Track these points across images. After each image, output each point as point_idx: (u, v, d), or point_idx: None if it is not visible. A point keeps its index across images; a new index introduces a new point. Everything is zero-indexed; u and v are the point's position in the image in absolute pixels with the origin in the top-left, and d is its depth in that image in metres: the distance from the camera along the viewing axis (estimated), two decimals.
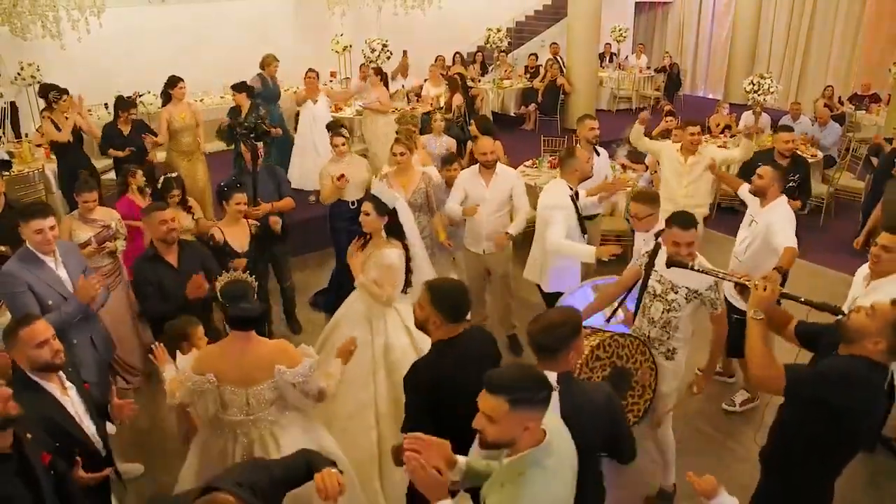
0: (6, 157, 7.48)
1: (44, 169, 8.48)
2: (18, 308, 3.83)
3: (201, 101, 11.46)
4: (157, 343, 3.65)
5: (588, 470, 2.56)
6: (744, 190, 5.26)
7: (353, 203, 6.06)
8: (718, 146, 9.19)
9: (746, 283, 3.08)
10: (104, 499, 3.33)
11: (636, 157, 8.35)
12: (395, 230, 4.46)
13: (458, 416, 2.46)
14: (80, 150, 7.63)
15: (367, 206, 4.40)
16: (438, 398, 2.93)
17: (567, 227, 5.08)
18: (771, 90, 9.38)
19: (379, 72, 9.78)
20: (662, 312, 3.98)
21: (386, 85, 10.41)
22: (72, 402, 3.13)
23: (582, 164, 5.23)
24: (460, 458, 2.57)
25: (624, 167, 7.84)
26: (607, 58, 15.39)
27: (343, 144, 6.19)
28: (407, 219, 4.73)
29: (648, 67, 14.89)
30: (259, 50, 10.13)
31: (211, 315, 4.50)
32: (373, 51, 11.26)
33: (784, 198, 4.92)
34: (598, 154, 6.15)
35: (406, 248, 4.45)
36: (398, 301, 4.43)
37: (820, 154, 9.24)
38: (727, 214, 8.41)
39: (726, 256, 6.69)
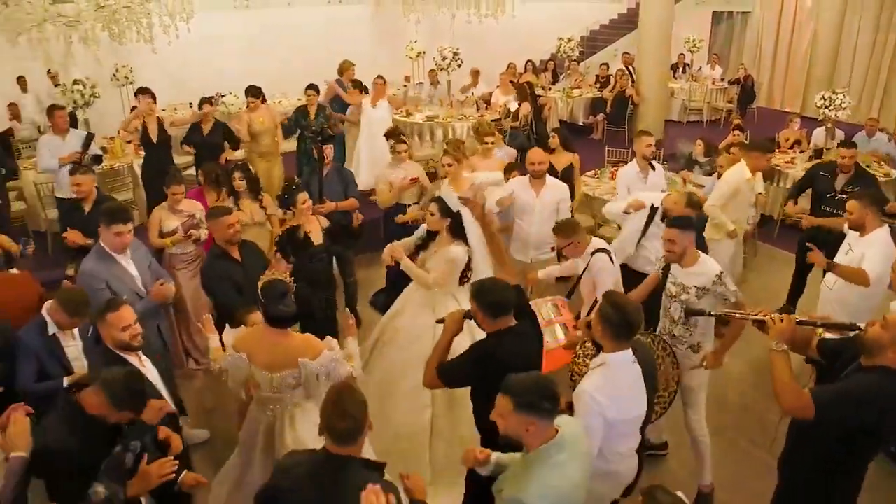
0: (99, 152, 8.05)
1: (132, 164, 9.09)
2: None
3: (279, 102, 11.98)
4: (207, 315, 4.09)
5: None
6: (844, 225, 5.23)
7: (409, 206, 6.37)
8: (786, 162, 9.15)
9: (763, 318, 3.22)
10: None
11: (703, 172, 8.37)
12: (457, 231, 4.79)
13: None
14: (166, 148, 8.17)
15: (433, 207, 4.79)
16: (486, 373, 3.16)
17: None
18: (843, 106, 9.24)
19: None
20: (681, 312, 4.22)
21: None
22: (148, 371, 3.56)
23: (678, 212, 5.17)
24: (493, 455, 2.94)
25: (685, 181, 7.88)
26: (680, 68, 15.24)
27: (404, 151, 6.50)
28: (470, 222, 5.03)
29: (722, 79, 14.68)
30: (337, 54, 10.56)
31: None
32: (444, 58, 11.56)
33: (885, 228, 4.84)
34: (653, 169, 6.30)
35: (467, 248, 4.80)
36: (459, 292, 4.78)
37: (894, 172, 9.03)
38: (790, 231, 8.31)
39: (786, 273, 6.75)
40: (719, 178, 6.81)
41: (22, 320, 4.01)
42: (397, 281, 6.33)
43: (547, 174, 5.96)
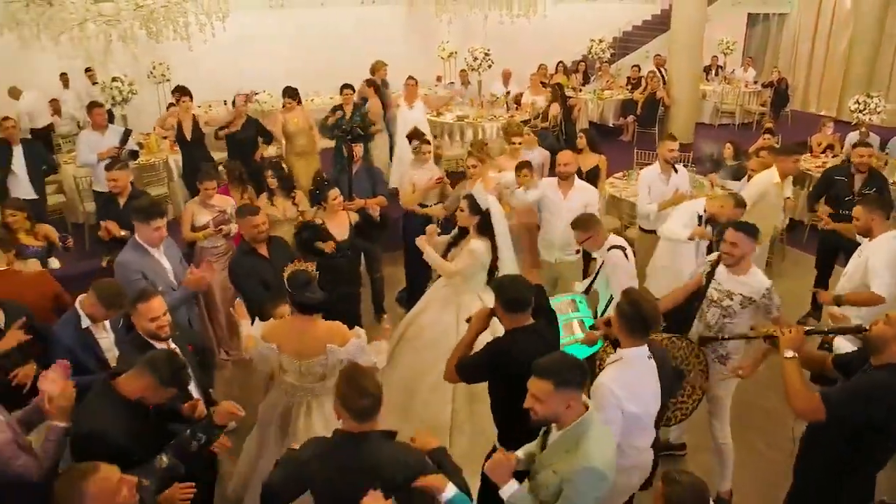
0: (136, 148, 8.27)
1: (167, 160, 9.32)
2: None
3: (311, 101, 12.14)
4: (239, 300, 4.28)
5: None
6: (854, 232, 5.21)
7: (430, 206, 6.50)
8: (817, 166, 9.05)
9: (773, 333, 3.36)
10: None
11: (730, 175, 8.32)
12: (484, 229, 4.92)
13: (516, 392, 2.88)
14: (200, 145, 8.36)
15: (463, 203, 4.92)
16: (500, 370, 3.36)
17: (687, 230, 5.39)
18: (878, 110, 9.12)
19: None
20: (718, 318, 4.21)
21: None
22: None
23: (732, 215, 5.19)
24: (518, 454, 3.05)
25: (712, 184, 7.85)
26: (713, 70, 15.12)
27: (428, 152, 6.62)
28: (499, 221, 5.11)
29: (756, 82, 14.54)
30: (370, 54, 10.68)
31: None
32: (475, 59, 11.63)
33: (892, 233, 4.79)
34: (676, 171, 6.34)
35: (494, 246, 4.91)
36: (485, 291, 4.86)
37: None
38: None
39: (813, 278, 6.70)
40: (749, 181, 6.80)
41: (37, 318, 4.15)
42: (415, 279, 6.47)
43: (576, 176, 6.02)
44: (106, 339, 4.05)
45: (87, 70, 11.58)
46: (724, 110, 13.94)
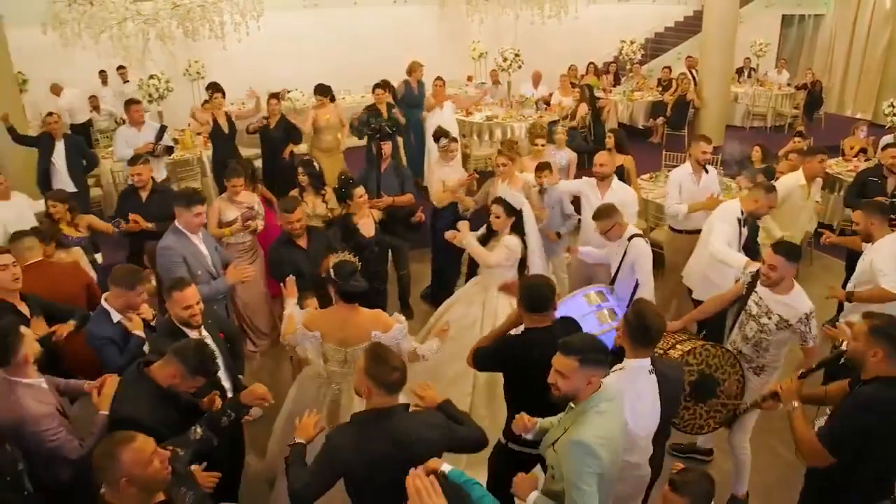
0: (171, 143, 8.49)
1: (201, 155, 9.53)
2: (178, 276, 4.55)
3: (343, 99, 12.28)
4: (291, 277, 4.44)
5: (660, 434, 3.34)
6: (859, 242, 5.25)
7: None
8: (848, 170, 8.96)
9: (774, 390, 3.53)
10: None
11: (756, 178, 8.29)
12: (518, 229, 5.11)
13: (530, 387, 3.04)
14: (232, 141, 8.55)
15: (497, 209, 5.05)
16: (507, 366, 3.55)
17: (728, 240, 5.31)
18: None
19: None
20: (755, 332, 4.18)
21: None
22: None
23: (767, 203, 5.28)
24: (538, 420, 3.18)
25: (740, 186, 7.83)
26: (745, 72, 14.98)
27: (455, 150, 6.74)
28: (529, 220, 5.27)
29: (789, 84, 14.38)
30: (402, 53, 10.79)
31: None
32: (505, 59, 11.69)
33: (893, 235, 4.82)
34: (706, 172, 6.34)
35: (524, 244, 5.08)
36: None
37: None
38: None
39: (839, 281, 6.66)
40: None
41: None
42: (442, 276, 6.57)
43: (615, 177, 6.12)
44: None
45: (120, 68, 11.87)
46: (756, 113, 13.78)
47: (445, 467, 2.68)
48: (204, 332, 3.88)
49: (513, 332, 3.71)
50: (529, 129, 7.53)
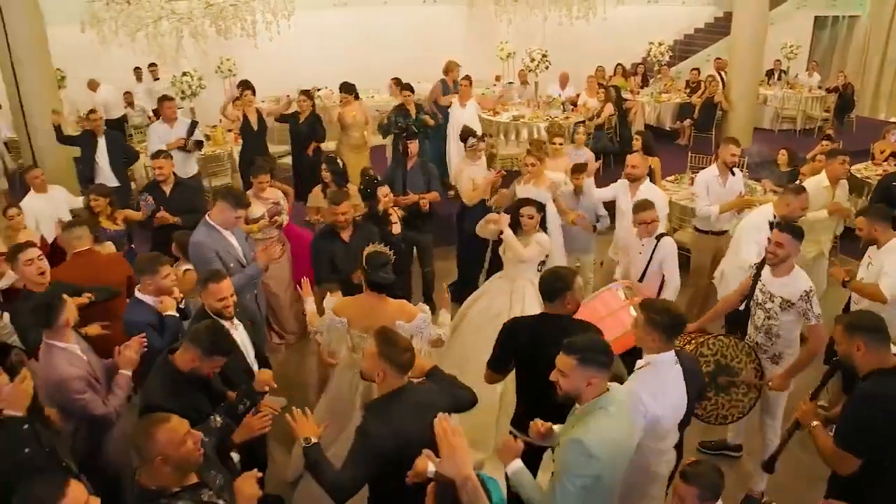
0: (202, 138, 8.69)
1: (232, 151, 9.73)
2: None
3: (372, 97, 12.44)
4: (306, 278, 4.61)
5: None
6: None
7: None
8: (878, 175, 8.87)
9: (797, 421, 3.59)
10: None
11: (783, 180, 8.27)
12: (543, 225, 5.29)
13: (539, 375, 3.10)
14: (261, 138, 8.73)
15: (530, 210, 5.21)
16: (514, 347, 3.68)
17: (759, 247, 5.29)
18: None
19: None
20: (763, 320, 4.32)
21: None
22: (238, 334, 4.00)
23: (799, 205, 5.28)
24: (555, 427, 3.20)
25: (765, 189, 7.82)
26: (776, 75, 14.84)
27: (482, 150, 6.85)
28: (552, 219, 5.49)
29: (819, 87, 14.23)
30: (430, 52, 10.90)
31: None
32: (532, 60, 11.75)
33: None
34: (733, 174, 6.39)
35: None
36: (537, 277, 5.03)
37: None
38: None
39: None
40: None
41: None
42: (467, 272, 6.69)
43: (647, 179, 6.24)
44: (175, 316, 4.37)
45: (151, 65, 12.14)
46: (785, 116, 13.64)
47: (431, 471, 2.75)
48: (235, 322, 4.04)
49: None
50: (548, 128, 7.67)
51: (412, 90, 9.04)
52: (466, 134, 7.14)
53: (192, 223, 5.19)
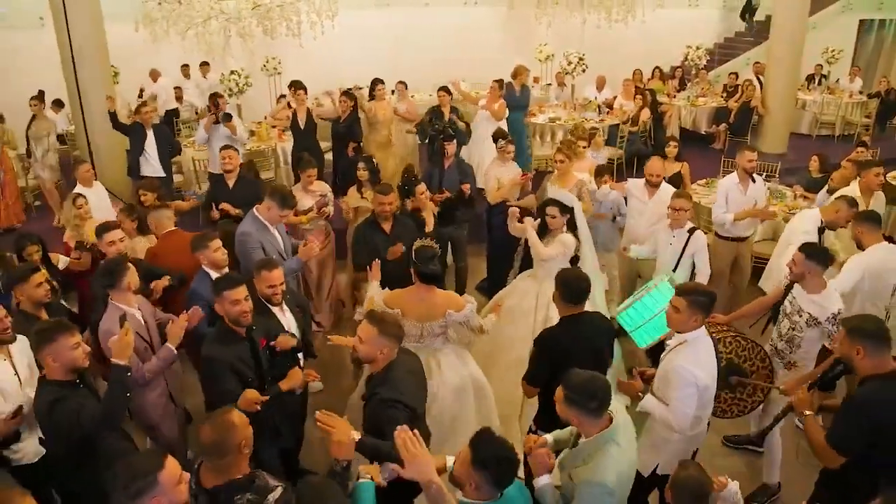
0: (231, 113, 8.90)
1: (276, 147, 10.09)
2: (253, 261, 5.07)
3: (412, 97, 12.66)
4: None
5: None
6: None
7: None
8: None
9: (790, 400, 3.81)
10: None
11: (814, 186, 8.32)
12: (572, 226, 5.45)
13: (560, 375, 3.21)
14: (309, 135, 9.04)
15: (552, 210, 5.40)
16: (551, 358, 3.77)
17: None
18: None
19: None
20: (788, 329, 4.48)
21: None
22: (285, 317, 4.37)
23: (846, 216, 5.43)
24: (548, 436, 3.45)
25: (795, 194, 7.91)
26: (816, 79, 14.72)
27: (511, 152, 7.06)
28: (580, 217, 5.59)
29: (861, 92, 14.06)
30: (470, 53, 11.09)
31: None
32: (569, 63, 11.92)
33: (884, 244, 5.05)
34: (753, 181, 6.51)
35: (578, 240, 5.43)
36: None
37: None
38: None
39: None
40: (829, 192, 6.84)
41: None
42: (497, 270, 6.93)
43: (664, 181, 6.45)
44: None
45: (203, 64, 12.60)
46: (824, 121, 13.51)
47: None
48: (284, 307, 4.38)
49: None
50: (571, 131, 7.83)
51: (448, 91, 9.23)
52: (498, 135, 7.38)
53: None
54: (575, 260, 5.47)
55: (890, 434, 3.17)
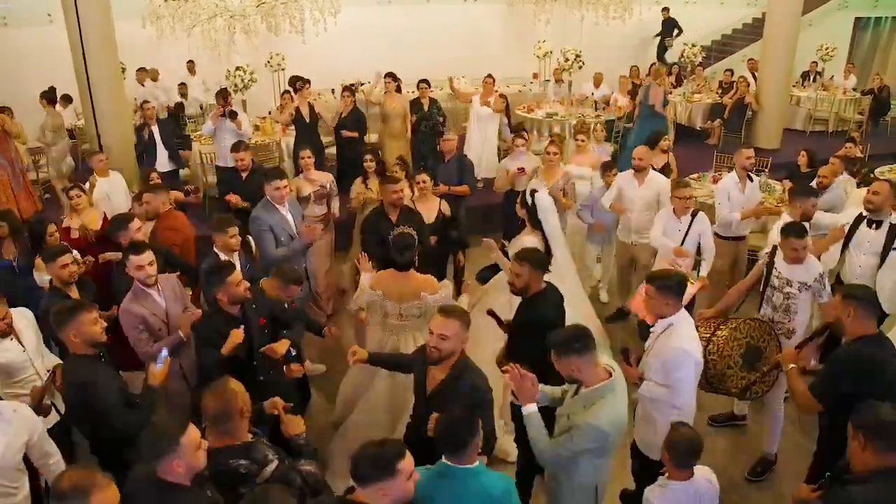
0: (236, 110, 9.01)
1: (280, 142, 10.32)
2: (264, 241, 5.51)
3: (412, 93, 12.86)
4: (363, 253, 5.23)
5: None
6: None
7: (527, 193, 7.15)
8: None
9: (777, 359, 4.33)
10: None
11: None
12: (533, 221, 5.66)
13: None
14: (315, 128, 9.34)
15: (519, 199, 5.78)
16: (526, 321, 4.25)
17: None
18: None
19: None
20: (782, 300, 4.82)
21: None
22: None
23: (806, 209, 5.54)
24: (541, 388, 3.64)
25: (784, 189, 8.12)
26: (811, 76, 14.93)
27: (522, 144, 7.29)
28: (548, 217, 5.71)
29: (855, 89, 14.26)
30: (470, 49, 11.25)
31: None
32: (566, 59, 12.14)
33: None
34: (751, 180, 6.71)
35: (545, 238, 5.60)
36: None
37: None
38: None
39: None
40: (819, 186, 7.02)
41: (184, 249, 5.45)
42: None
43: (651, 169, 6.72)
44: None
45: (189, 62, 12.96)
46: (818, 117, 13.70)
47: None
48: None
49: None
50: (575, 126, 8.11)
51: (429, 84, 9.57)
52: (514, 129, 7.66)
53: None
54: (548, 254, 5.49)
55: (867, 385, 3.45)
